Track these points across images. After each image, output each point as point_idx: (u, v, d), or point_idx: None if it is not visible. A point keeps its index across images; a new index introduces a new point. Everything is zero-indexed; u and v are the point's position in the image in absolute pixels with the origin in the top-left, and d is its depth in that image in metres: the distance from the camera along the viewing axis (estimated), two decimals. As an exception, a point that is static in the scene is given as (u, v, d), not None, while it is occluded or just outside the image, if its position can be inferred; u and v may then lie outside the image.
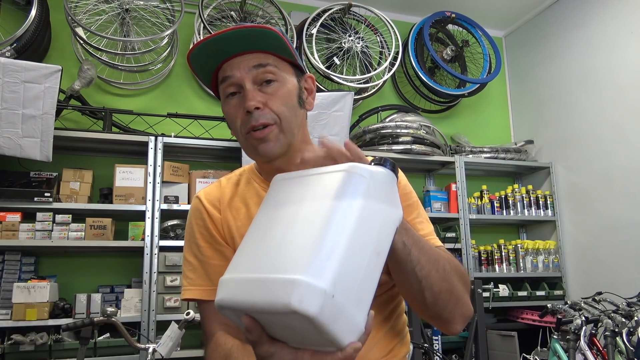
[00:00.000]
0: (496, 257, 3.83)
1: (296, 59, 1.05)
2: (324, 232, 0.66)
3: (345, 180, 0.72)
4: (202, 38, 0.96)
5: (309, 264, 0.62)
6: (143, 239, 3.00)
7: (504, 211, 3.95)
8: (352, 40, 3.89)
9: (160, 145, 3.13)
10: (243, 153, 3.12)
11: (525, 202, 4.01)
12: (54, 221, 2.90)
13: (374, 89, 3.96)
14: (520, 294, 3.72)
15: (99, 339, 2.82)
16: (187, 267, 1.06)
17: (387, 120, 3.88)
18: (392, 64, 3.95)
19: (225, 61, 1.00)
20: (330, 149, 0.82)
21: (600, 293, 2.97)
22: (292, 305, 0.59)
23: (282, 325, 0.65)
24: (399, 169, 1.10)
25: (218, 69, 1.01)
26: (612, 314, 2.65)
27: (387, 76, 3.93)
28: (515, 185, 4.18)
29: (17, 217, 2.86)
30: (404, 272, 0.86)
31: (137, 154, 3.32)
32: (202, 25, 3.45)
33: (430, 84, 4.00)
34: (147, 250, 2.98)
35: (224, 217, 1.05)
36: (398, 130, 3.66)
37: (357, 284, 0.65)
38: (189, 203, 3.14)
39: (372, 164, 0.79)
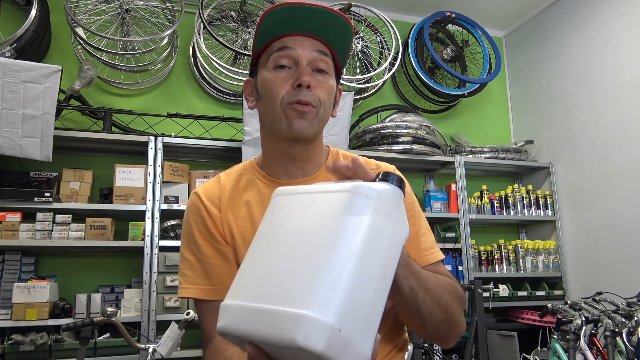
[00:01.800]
0: (496, 257, 3.83)
1: (343, 68, 1.07)
2: (330, 260, 0.64)
3: (350, 201, 0.69)
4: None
5: (314, 295, 0.61)
6: (143, 239, 3.00)
7: (504, 211, 3.94)
8: (352, 40, 3.88)
9: (160, 145, 3.13)
10: (243, 153, 3.12)
11: (525, 202, 4.01)
12: (54, 221, 2.90)
13: (374, 89, 3.96)
14: (520, 294, 3.72)
15: (99, 339, 2.82)
16: (184, 264, 1.04)
17: (387, 120, 3.87)
18: (392, 64, 3.95)
19: (289, 35, 1.00)
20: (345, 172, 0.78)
21: (600, 293, 2.97)
22: (297, 342, 0.58)
23: (287, 354, 0.64)
24: (402, 176, 1.10)
25: (275, 39, 1.01)
26: (612, 314, 2.65)
27: (387, 76, 3.93)
28: (515, 185, 4.18)
29: (17, 217, 2.86)
30: (410, 311, 0.88)
31: (137, 154, 3.32)
32: (202, 25, 3.45)
33: (430, 84, 4.00)
34: (147, 250, 2.98)
35: (224, 215, 1.03)
36: (398, 130, 3.66)
37: (364, 313, 0.64)
38: (189, 203, 3.13)
39: (377, 179, 0.77)
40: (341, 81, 4.04)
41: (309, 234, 0.69)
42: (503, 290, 3.68)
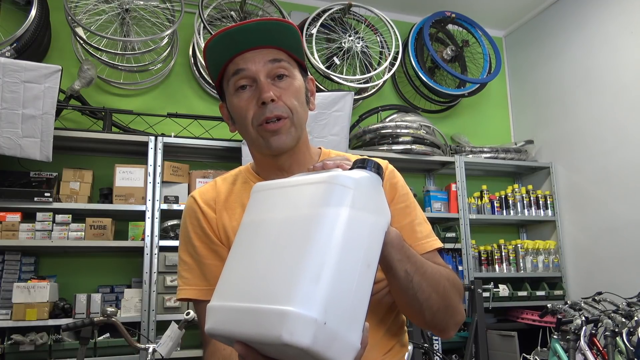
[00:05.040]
0: (496, 257, 3.83)
1: (304, 60, 1.07)
2: (310, 253, 0.63)
3: (327, 192, 0.68)
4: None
5: (296, 291, 0.60)
6: (143, 239, 3.00)
7: (504, 211, 3.95)
8: (352, 40, 3.89)
9: (160, 145, 3.13)
10: (243, 153, 3.12)
11: (525, 202, 4.01)
12: (54, 221, 2.90)
13: (374, 89, 3.96)
14: (520, 294, 3.72)
15: (99, 339, 2.82)
16: (182, 266, 1.06)
17: (387, 120, 3.87)
18: (392, 64, 3.95)
19: (238, 55, 1.00)
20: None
21: (600, 293, 2.97)
22: (283, 339, 0.58)
23: (276, 350, 0.64)
24: (395, 169, 1.10)
25: (228, 62, 1.01)
26: (612, 314, 2.65)
27: (387, 76, 3.93)
28: (515, 185, 4.18)
29: (17, 217, 2.86)
30: (406, 296, 0.89)
31: (137, 154, 3.32)
32: (202, 25, 3.45)
33: (430, 84, 4.00)
34: (147, 250, 2.98)
35: (219, 217, 1.05)
36: (398, 130, 3.66)
37: (349, 303, 0.63)
38: (189, 203, 3.13)
39: (354, 167, 0.76)
40: (341, 81, 4.03)
41: (288, 228, 0.69)
42: (503, 290, 3.68)
